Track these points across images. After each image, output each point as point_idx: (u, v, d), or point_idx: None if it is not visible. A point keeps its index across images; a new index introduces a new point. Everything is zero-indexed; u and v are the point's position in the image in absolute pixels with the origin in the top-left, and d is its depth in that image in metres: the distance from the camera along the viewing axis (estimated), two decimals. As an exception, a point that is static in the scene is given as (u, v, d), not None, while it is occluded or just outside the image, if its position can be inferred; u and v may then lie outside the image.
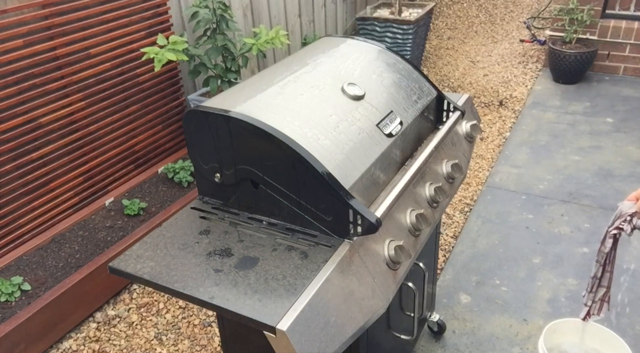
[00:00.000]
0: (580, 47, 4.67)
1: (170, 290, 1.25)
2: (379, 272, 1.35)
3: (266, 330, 1.14)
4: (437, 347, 2.31)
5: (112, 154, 3.00)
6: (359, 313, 1.26)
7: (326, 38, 1.90)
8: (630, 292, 2.52)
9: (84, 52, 2.73)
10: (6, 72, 2.41)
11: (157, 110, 3.23)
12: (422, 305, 1.99)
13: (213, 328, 2.43)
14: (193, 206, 1.54)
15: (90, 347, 2.35)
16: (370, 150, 1.45)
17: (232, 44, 3.16)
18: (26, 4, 2.44)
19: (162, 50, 2.73)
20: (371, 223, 1.29)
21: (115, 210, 2.87)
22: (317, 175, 1.28)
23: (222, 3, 3.09)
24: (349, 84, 1.56)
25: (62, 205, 2.77)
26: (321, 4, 4.74)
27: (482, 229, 3.04)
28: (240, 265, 1.30)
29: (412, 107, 1.68)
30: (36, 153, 2.60)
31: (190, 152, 1.50)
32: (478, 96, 4.65)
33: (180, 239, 1.40)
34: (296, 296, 1.18)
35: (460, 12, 6.80)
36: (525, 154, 3.79)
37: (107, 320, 2.50)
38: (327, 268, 1.25)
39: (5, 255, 2.52)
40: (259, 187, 1.41)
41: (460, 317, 2.46)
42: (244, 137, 1.35)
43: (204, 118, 1.39)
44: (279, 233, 1.40)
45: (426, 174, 1.64)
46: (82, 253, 2.56)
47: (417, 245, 1.51)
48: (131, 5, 2.93)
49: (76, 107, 2.74)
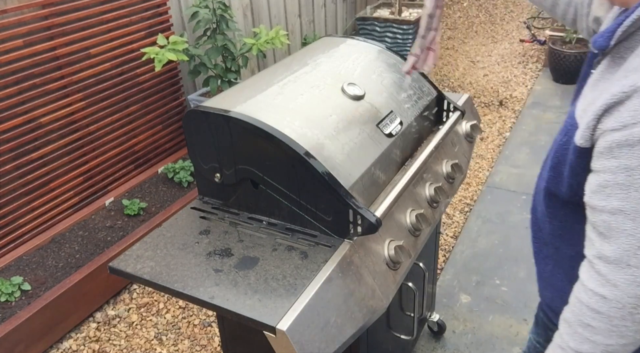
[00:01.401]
0: (580, 47, 4.67)
1: (170, 290, 1.25)
2: (379, 272, 1.35)
3: (266, 330, 1.14)
4: (437, 347, 2.31)
5: (112, 154, 3.00)
6: (359, 313, 1.26)
7: (326, 38, 1.90)
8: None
9: (84, 52, 2.73)
10: (6, 72, 2.41)
11: (157, 110, 3.23)
12: (422, 305, 1.99)
13: (213, 328, 2.43)
14: (193, 206, 1.54)
15: (90, 347, 2.35)
16: (370, 150, 1.45)
17: (232, 44, 3.16)
18: (26, 4, 2.44)
19: (162, 50, 2.73)
20: (371, 223, 1.29)
21: (115, 210, 2.87)
22: (317, 175, 1.28)
23: (222, 3, 3.09)
24: (349, 84, 1.56)
25: (62, 205, 2.77)
26: (321, 4, 4.74)
27: (482, 229, 3.04)
28: (240, 265, 1.30)
29: (412, 107, 1.68)
30: (36, 153, 2.60)
31: (190, 152, 1.50)
32: (478, 96, 4.65)
33: (180, 239, 1.40)
34: (296, 296, 1.18)
35: (460, 12, 6.81)
36: (525, 154, 3.79)
37: (107, 320, 2.50)
38: (327, 268, 1.25)
39: (5, 255, 2.52)
40: (259, 187, 1.41)
41: (460, 317, 2.46)
42: (244, 137, 1.35)
43: (204, 118, 1.39)
44: (279, 233, 1.40)
45: (426, 174, 1.64)
46: (82, 253, 2.56)
47: (417, 245, 1.51)
48: (131, 5, 2.93)
49: (76, 107, 2.74)
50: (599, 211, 0.90)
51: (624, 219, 0.86)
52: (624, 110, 0.83)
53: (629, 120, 0.82)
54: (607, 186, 0.87)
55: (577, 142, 0.93)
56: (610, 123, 0.85)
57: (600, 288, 0.90)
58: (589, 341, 0.93)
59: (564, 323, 0.99)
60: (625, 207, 0.85)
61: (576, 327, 0.95)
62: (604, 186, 0.88)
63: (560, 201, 1.06)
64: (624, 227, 0.86)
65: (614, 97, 0.84)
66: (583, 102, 0.98)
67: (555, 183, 1.06)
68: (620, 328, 0.90)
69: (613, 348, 0.92)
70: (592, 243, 0.93)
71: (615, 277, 0.88)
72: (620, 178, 0.85)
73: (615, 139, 0.84)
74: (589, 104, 0.94)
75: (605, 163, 0.87)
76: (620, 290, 0.87)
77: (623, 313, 0.88)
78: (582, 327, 0.94)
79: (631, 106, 0.82)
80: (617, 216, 0.87)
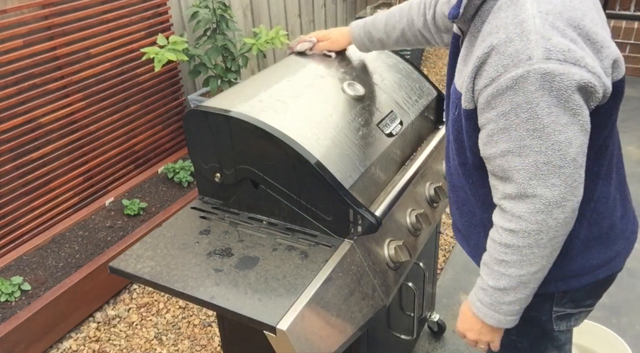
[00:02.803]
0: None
1: (170, 290, 1.25)
2: (379, 272, 1.35)
3: (266, 330, 1.14)
4: (437, 347, 2.31)
5: (112, 153, 3.00)
6: (359, 313, 1.26)
7: (326, 38, 1.90)
8: (630, 292, 2.52)
9: (84, 52, 2.73)
10: (6, 72, 2.41)
11: (157, 110, 3.23)
12: (422, 305, 1.99)
13: (213, 328, 2.43)
14: (193, 206, 1.54)
15: (90, 347, 2.35)
16: (370, 150, 1.45)
17: (232, 44, 3.16)
18: (26, 4, 2.44)
19: (162, 50, 2.73)
20: (371, 223, 1.29)
21: (115, 210, 2.87)
22: (317, 175, 1.28)
23: (222, 3, 3.09)
24: (349, 84, 1.56)
25: (62, 205, 2.77)
26: (321, 4, 4.74)
27: (482, 229, 3.04)
28: (241, 265, 1.30)
29: (412, 107, 1.68)
30: (36, 153, 2.60)
31: (190, 152, 1.50)
32: (478, 96, 4.64)
33: (180, 239, 1.40)
34: (296, 296, 1.19)
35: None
36: (525, 154, 3.78)
37: (107, 320, 2.50)
38: (327, 268, 1.25)
39: (5, 255, 2.52)
40: (259, 187, 1.41)
41: (460, 317, 2.45)
42: (244, 137, 1.35)
43: (204, 118, 1.39)
44: (279, 233, 1.40)
45: (426, 174, 1.64)
46: (82, 253, 2.56)
47: (417, 245, 1.51)
48: (131, 5, 2.93)
49: (76, 107, 2.74)
50: (493, 158, 1.01)
51: (512, 157, 0.97)
52: (488, 68, 0.96)
53: (493, 74, 0.95)
54: (493, 134, 0.99)
55: (463, 105, 1.05)
56: (482, 81, 0.98)
57: (508, 224, 1.02)
58: (505, 276, 1.06)
59: (483, 267, 1.11)
60: (510, 147, 0.97)
61: (492, 265, 1.07)
62: (491, 135, 1.00)
63: (470, 166, 1.16)
64: (514, 164, 0.98)
65: (479, 59, 0.98)
66: (459, 77, 1.10)
67: (460, 152, 1.16)
68: (529, 257, 1.02)
69: (526, 278, 1.04)
70: (496, 188, 1.04)
71: (519, 209, 1.00)
72: (500, 123, 0.97)
73: (489, 93, 0.96)
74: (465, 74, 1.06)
75: (487, 115, 0.99)
76: (524, 220, 0.99)
77: (529, 241, 1.00)
78: (497, 264, 1.06)
79: (493, 62, 0.95)
80: (506, 157, 0.98)
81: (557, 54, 0.91)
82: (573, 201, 0.98)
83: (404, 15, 1.52)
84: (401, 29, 1.52)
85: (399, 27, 1.53)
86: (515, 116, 0.95)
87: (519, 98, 0.93)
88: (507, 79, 0.93)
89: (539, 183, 0.97)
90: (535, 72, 0.91)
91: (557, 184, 0.96)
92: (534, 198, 0.98)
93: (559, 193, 0.96)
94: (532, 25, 0.93)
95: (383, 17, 1.56)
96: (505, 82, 0.94)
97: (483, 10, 1.03)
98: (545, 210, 0.98)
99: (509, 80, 0.93)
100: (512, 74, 0.93)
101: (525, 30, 0.93)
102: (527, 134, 0.95)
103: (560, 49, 0.91)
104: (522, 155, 0.96)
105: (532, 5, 0.95)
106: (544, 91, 0.92)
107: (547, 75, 0.91)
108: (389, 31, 1.55)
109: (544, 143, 0.94)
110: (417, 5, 1.49)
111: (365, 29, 1.59)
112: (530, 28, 0.93)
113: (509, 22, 0.95)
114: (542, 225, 0.98)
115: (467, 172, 1.18)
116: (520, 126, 0.95)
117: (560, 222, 0.98)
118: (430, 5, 1.46)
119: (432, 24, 1.46)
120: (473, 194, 1.20)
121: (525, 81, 0.92)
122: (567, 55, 0.91)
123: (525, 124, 0.94)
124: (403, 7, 1.53)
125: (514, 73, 0.93)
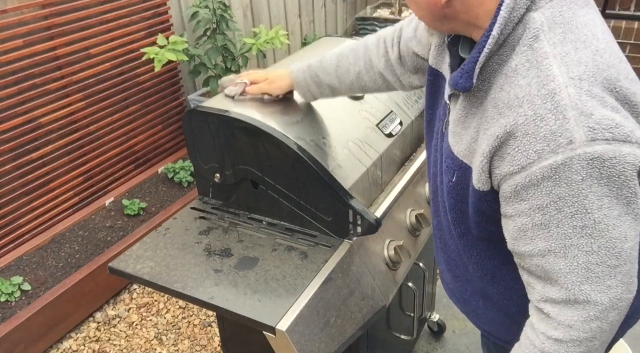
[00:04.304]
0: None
1: (170, 290, 1.25)
2: (379, 272, 1.35)
3: (266, 330, 1.14)
4: (437, 347, 2.31)
5: (112, 154, 3.00)
6: (359, 313, 1.26)
7: (326, 38, 1.90)
8: (630, 292, 2.52)
9: (84, 52, 2.73)
10: (6, 72, 2.41)
11: (157, 110, 3.23)
12: (422, 305, 1.99)
13: (213, 328, 2.43)
14: (193, 206, 1.54)
15: (90, 347, 2.35)
16: (370, 150, 1.45)
17: (232, 44, 3.16)
18: (26, 4, 2.44)
19: (162, 50, 2.73)
20: (371, 223, 1.29)
21: (115, 210, 2.87)
22: (317, 175, 1.28)
23: (222, 3, 3.09)
24: (348, 84, 1.56)
25: (62, 205, 2.77)
26: (321, 4, 4.74)
27: (482, 229, 3.04)
28: (240, 265, 1.30)
29: (412, 107, 1.68)
30: (36, 153, 2.60)
31: (190, 152, 1.50)
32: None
33: (180, 239, 1.40)
34: (296, 296, 1.18)
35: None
36: (525, 154, 3.78)
37: (107, 320, 2.50)
38: (327, 269, 1.25)
39: (5, 255, 2.52)
40: (259, 187, 1.41)
41: (460, 317, 2.45)
42: (244, 137, 1.35)
43: (203, 118, 1.39)
44: (278, 233, 1.40)
45: (426, 174, 1.64)
46: (82, 253, 2.56)
47: (417, 245, 1.51)
48: (131, 5, 2.93)
49: (76, 107, 2.74)
50: (528, 256, 0.86)
51: (555, 259, 0.82)
52: (515, 153, 0.80)
53: (523, 161, 0.79)
54: (527, 229, 0.84)
55: (476, 186, 0.90)
56: (507, 167, 0.82)
57: (554, 332, 0.86)
58: None
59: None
60: (552, 246, 0.82)
61: None
62: (524, 230, 0.84)
63: (474, 237, 1.02)
64: (558, 267, 0.82)
65: (498, 139, 0.82)
66: (459, 141, 0.94)
67: (461, 222, 1.02)
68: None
69: None
70: (533, 287, 0.89)
71: (568, 317, 0.84)
72: (536, 218, 0.82)
73: (518, 182, 0.81)
74: (470, 143, 0.91)
75: (517, 207, 0.84)
76: (575, 329, 0.84)
77: (581, 350, 0.86)
78: None
79: (521, 146, 0.79)
80: (547, 257, 0.83)
81: (604, 133, 0.75)
82: (629, 299, 0.84)
83: (359, 57, 1.29)
84: (357, 72, 1.29)
85: (353, 70, 1.30)
86: (556, 211, 0.79)
87: (561, 190, 0.77)
88: (542, 167, 0.78)
89: (592, 287, 0.81)
90: (579, 158, 0.75)
91: (613, 286, 0.82)
92: (586, 304, 0.82)
93: (615, 295, 0.82)
94: (566, 97, 0.76)
95: (332, 59, 1.33)
96: (541, 171, 0.78)
97: (488, 66, 0.85)
98: (600, 317, 0.83)
99: (546, 169, 0.77)
100: (550, 162, 0.77)
101: (558, 106, 0.76)
102: (573, 232, 0.79)
103: (605, 125, 0.75)
104: (569, 257, 0.81)
105: (560, 69, 0.78)
106: (593, 180, 0.76)
107: (595, 161, 0.75)
108: (342, 75, 1.31)
109: (595, 242, 0.79)
110: (375, 45, 1.28)
111: (311, 72, 1.34)
112: (565, 102, 0.76)
113: (534, 94, 0.79)
114: (596, 332, 0.84)
115: (469, 244, 1.04)
116: (563, 222, 0.79)
117: (615, 324, 0.85)
118: (392, 43, 1.25)
119: (398, 64, 1.25)
120: (477, 268, 1.06)
121: (569, 170, 0.76)
122: (615, 132, 0.75)
123: (571, 220, 0.79)
124: (355, 47, 1.31)
125: (551, 160, 0.77)
